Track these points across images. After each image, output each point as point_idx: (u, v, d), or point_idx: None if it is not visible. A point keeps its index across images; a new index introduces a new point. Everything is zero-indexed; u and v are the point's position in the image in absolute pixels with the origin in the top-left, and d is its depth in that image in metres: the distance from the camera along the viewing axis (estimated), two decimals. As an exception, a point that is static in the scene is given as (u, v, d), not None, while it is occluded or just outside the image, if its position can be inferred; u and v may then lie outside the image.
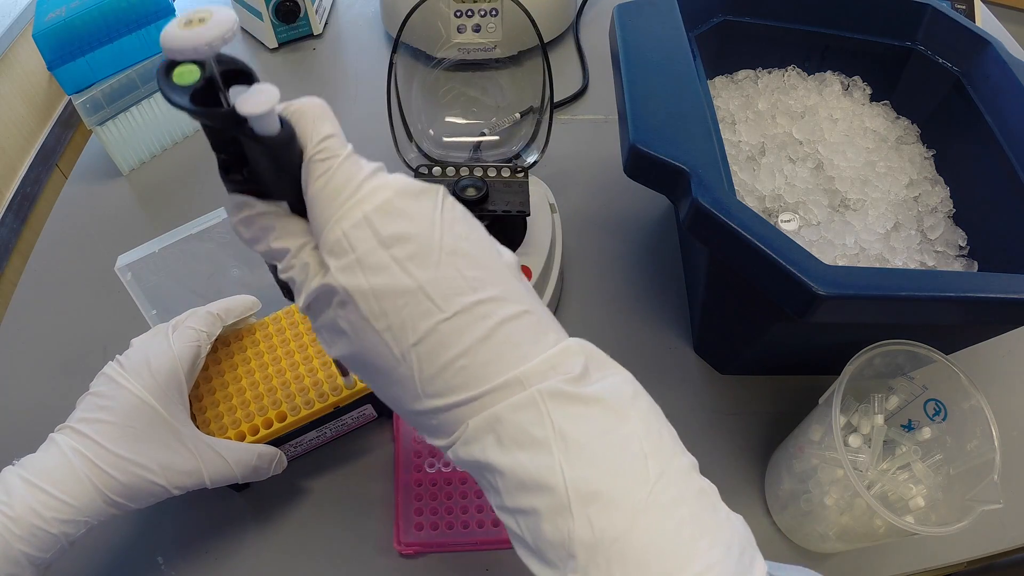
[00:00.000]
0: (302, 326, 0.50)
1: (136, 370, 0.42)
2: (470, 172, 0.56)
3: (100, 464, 0.39)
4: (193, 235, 0.51)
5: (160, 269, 0.52)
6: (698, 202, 0.40)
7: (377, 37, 0.89)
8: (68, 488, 0.38)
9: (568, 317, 0.61)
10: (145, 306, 0.52)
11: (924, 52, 0.59)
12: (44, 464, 0.39)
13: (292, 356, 0.49)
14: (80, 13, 0.63)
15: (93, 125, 0.67)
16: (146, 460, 0.40)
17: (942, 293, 0.38)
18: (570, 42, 0.87)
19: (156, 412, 0.41)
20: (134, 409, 0.41)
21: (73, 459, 0.39)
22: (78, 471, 0.39)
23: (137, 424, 0.40)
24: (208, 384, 0.48)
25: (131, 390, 0.41)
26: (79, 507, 0.38)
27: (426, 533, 0.48)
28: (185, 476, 0.42)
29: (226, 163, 0.27)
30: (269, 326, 0.51)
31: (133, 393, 0.41)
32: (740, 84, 0.63)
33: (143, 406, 0.41)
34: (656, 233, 0.67)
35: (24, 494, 0.37)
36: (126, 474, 0.39)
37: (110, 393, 0.41)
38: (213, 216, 0.52)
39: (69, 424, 0.41)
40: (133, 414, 0.40)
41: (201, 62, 0.24)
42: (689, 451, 0.30)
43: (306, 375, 0.48)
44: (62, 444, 0.40)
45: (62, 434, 0.40)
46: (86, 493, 0.39)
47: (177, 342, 0.44)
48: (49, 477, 0.38)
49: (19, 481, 0.38)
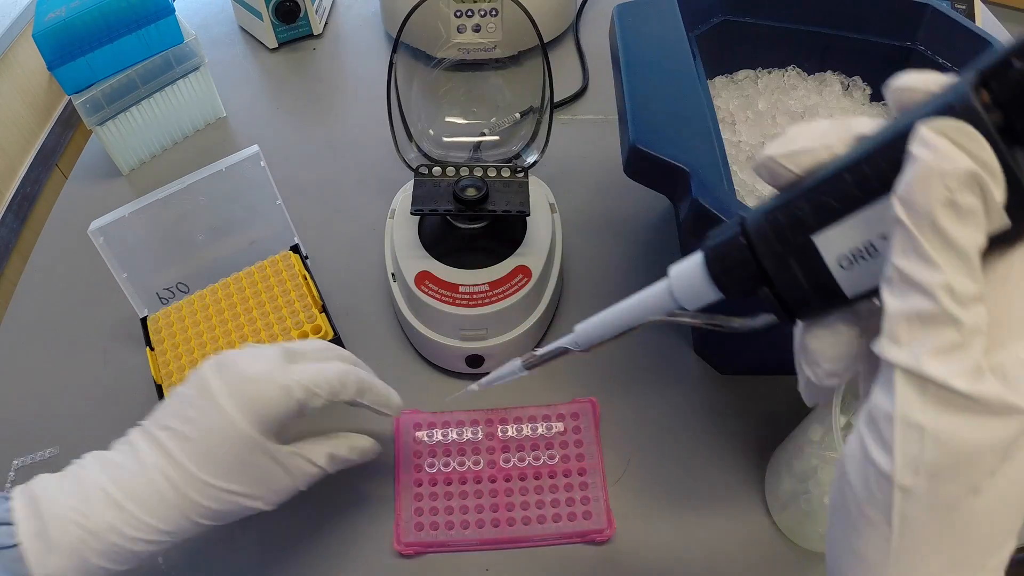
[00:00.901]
0: (261, 285, 0.57)
1: (236, 382, 0.38)
2: (470, 172, 0.56)
3: (190, 493, 0.36)
4: (160, 200, 0.53)
5: (130, 234, 0.54)
6: (698, 202, 0.40)
7: (377, 37, 0.89)
8: (155, 512, 0.36)
9: (568, 317, 0.61)
10: (116, 269, 0.54)
11: (924, 52, 0.59)
12: (129, 482, 0.36)
13: (251, 312, 0.55)
14: (80, 13, 0.63)
15: (93, 125, 0.67)
16: (239, 486, 0.37)
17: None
18: (570, 42, 0.87)
19: (247, 435, 0.37)
20: (227, 432, 0.37)
21: (161, 482, 0.36)
22: (167, 497, 0.36)
23: (230, 449, 0.37)
24: (172, 340, 0.54)
25: (226, 410, 0.37)
26: (166, 530, 0.36)
27: (426, 533, 0.48)
28: (279, 493, 0.40)
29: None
30: (231, 285, 0.57)
31: (227, 415, 0.37)
32: (740, 84, 0.63)
33: (237, 431, 0.37)
34: (656, 233, 0.67)
35: (105, 510, 0.35)
36: (218, 501, 0.37)
37: (201, 405, 0.37)
38: (179, 182, 0.54)
39: (153, 432, 0.38)
40: (225, 438, 0.37)
41: None
42: (689, 451, 0.30)
43: (262, 329, 0.53)
44: (147, 460, 0.36)
45: (146, 444, 0.37)
46: (174, 518, 0.36)
47: (297, 387, 0.39)
48: (135, 497, 0.36)
49: (100, 494, 0.35)
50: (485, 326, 0.53)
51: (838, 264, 0.20)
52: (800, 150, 0.21)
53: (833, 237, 0.20)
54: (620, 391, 0.55)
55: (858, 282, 0.20)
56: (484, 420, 0.53)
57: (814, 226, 0.20)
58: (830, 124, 0.21)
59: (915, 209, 0.17)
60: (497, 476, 0.50)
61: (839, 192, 0.20)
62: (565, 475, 0.50)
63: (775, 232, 0.21)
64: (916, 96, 0.19)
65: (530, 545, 0.48)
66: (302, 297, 0.55)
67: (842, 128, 0.21)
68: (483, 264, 0.55)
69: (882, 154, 0.19)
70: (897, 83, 0.20)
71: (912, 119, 0.18)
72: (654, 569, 0.47)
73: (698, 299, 0.25)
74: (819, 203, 0.20)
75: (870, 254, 0.20)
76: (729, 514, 0.49)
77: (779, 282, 0.22)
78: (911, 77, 0.20)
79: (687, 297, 0.25)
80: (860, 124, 0.21)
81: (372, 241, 0.65)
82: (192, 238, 0.58)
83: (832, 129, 0.21)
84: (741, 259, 0.22)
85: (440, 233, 0.57)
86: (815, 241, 0.21)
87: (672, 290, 0.25)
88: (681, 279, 0.25)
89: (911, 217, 0.17)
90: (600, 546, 0.48)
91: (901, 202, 0.17)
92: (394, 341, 0.59)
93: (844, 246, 0.20)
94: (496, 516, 0.48)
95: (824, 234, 0.20)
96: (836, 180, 0.20)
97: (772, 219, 0.22)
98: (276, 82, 0.83)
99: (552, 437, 0.52)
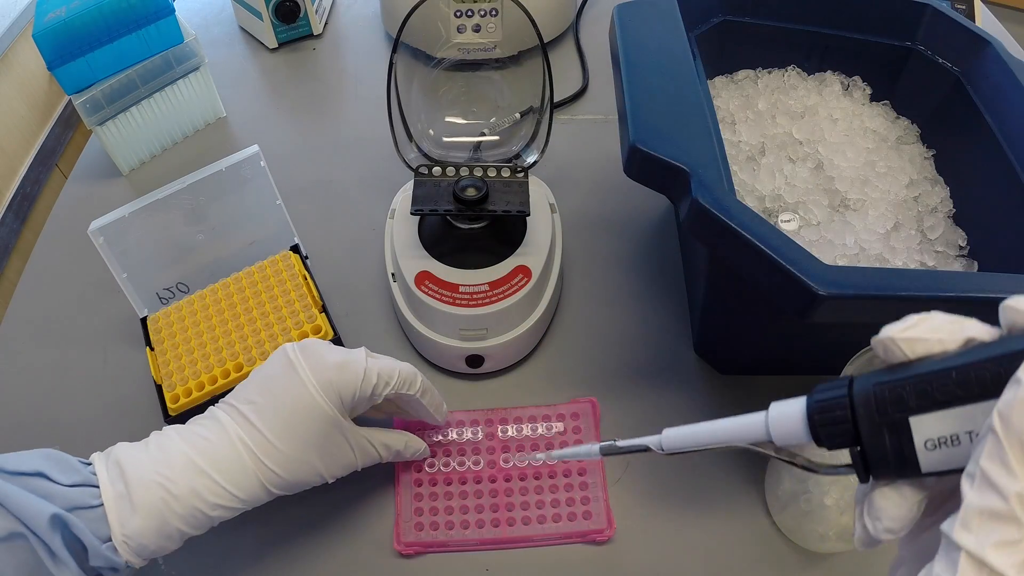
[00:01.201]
0: (261, 285, 0.57)
1: (319, 364, 0.42)
2: (470, 172, 0.56)
3: (268, 463, 0.40)
4: (160, 200, 0.54)
5: (130, 234, 0.54)
6: (698, 202, 0.40)
7: (377, 37, 0.89)
8: (235, 479, 0.39)
9: (568, 317, 0.61)
10: (116, 269, 0.54)
11: (924, 52, 0.59)
12: (212, 451, 0.39)
13: (251, 312, 0.55)
14: (80, 13, 0.63)
15: (93, 125, 0.67)
16: (312, 457, 0.41)
17: (942, 293, 0.38)
18: (570, 42, 0.87)
19: (326, 411, 0.41)
20: (308, 407, 0.41)
21: (242, 452, 0.39)
22: (247, 465, 0.39)
23: (307, 420, 0.41)
24: (172, 339, 0.54)
25: (308, 387, 0.41)
26: (242, 498, 0.39)
27: (426, 533, 0.48)
28: (343, 468, 0.43)
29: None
30: (231, 285, 0.57)
31: (310, 392, 0.41)
32: (740, 84, 0.63)
33: (315, 404, 0.41)
34: (656, 233, 0.67)
35: (191, 476, 0.38)
36: (292, 472, 0.41)
37: (285, 383, 0.41)
38: (179, 182, 0.54)
39: (236, 404, 0.41)
40: (304, 410, 0.41)
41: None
42: (689, 452, 0.30)
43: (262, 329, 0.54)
44: (230, 430, 0.40)
45: (229, 416, 0.41)
46: (251, 486, 0.40)
47: (373, 373, 0.43)
48: (217, 465, 0.39)
49: (184, 460, 0.38)
50: (485, 326, 0.53)
51: (924, 444, 0.23)
52: (916, 338, 0.24)
53: (927, 422, 0.23)
54: (620, 391, 0.55)
55: (936, 462, 0.23)
56: (484, 420, 0.53)
57: (914, 409, 0.23)
58: (946, 320, 0.24)
59: (1010, 426, 0.20)
60: (497, 476, 0.50)
61: (943, 387, 0.23)
62: (565, 475, 0.50)
63: (878, 404, 0.24)
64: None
65: (530, 545, 0.48)
66: (302, 297, 0.55)
67: (956, 327, 0.24)
68: (483, 264, 0.55)
69: (988, 367, 0.22)
70: (1012, 303, 0.23)
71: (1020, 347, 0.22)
72: (654, 569, 0.47)
73: (790, 440, 0.27)
74: (923, 391, 0.23)
75: (953, 443, 0.23)
76: (729, 514, 0.49)
77: (869, 446, 0.24)
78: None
79: (781, 436, 0.28)
80: (971, 328, 0.24)
81: (372, 241, 0.65)
82: (192, 238, 0.58)
83: (947, 325, 0.24)
84: (842, 419, 0.25)
85: (440, 233, 0.57)
86: (910, 421, 0.23)
87: (770, 426, 0.28)
88: (780, 420, 0.27)
89: (1005, 431, 0.20)
90: (600, 546, 0.48)
91: (1000, 416, 0.20)
92: (394, 341, 0.59)
93: (934, 432, 0.23)
94: (496, 516, 0.48)
95: (920, 417, 0.23)
96: (943, 376, 0.23)
97: (878, 392, 0.24)
98: (276, 82, 0.83)
99: (552, 437, 0.52)
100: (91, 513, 0.36)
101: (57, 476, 0.37)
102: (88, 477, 0.37)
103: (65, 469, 0.37)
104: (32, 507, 0.34)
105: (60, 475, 0.37)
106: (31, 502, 0.35)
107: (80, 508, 0.36)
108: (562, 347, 0.59)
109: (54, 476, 0.36)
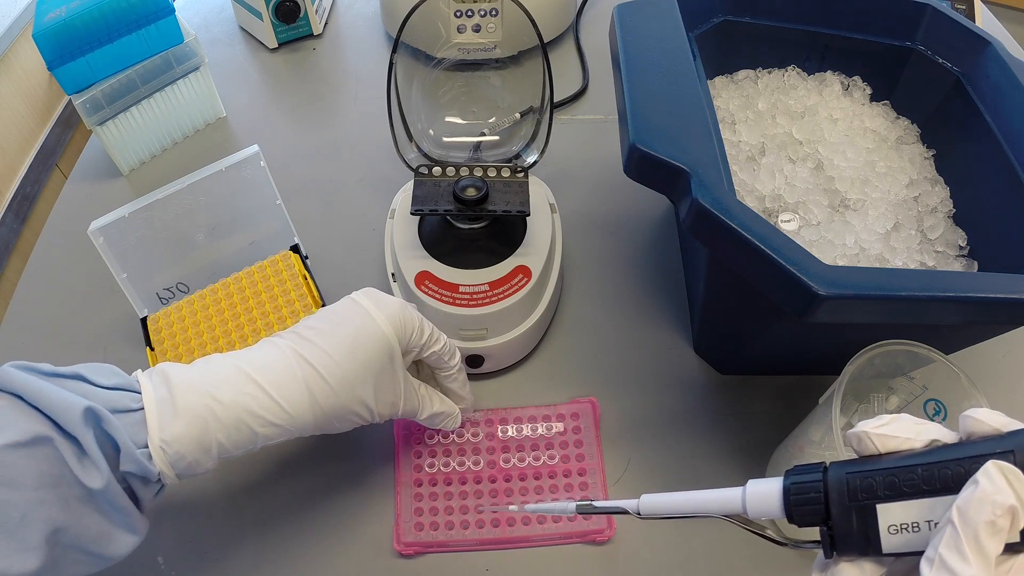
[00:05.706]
0: (261, 285, 0.57)
1: (382, 300, 0.43)
2: (470, 172, 0.56)
3: (323, 372, 0.39)
4: (160, 200, 0.54)
5: (129, 234, 0.54)
6: (698, 202, 0.40)
7: (377, 37, 0.89)
8: (284, 391, 0.38)
9: (568, 317, 0.61)
10: (116, 269, 0.54)
11: (924, 52, 0.59)
12: (264, 363, 0.38)
13: (251, 312, 0.55)
14: (80, 13, 0.63)
15: (93, 125, 0.67)
16: (368, 381, 0.41)
17: (942, 293, 0.38)
18: (570, 42, 0.87)
19: (389, 340, 0.41)
20: (370, 331, 0.41)
21: (294, 363, 0.39)
22: (297, 375, 0.38)
23: (369, 344, 0.41)
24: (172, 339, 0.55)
25: (373, 316, 0.42)
26: (290, 412, 0.38)
27: (426, 533, 0.48)
28: (389, 407, 0.43)
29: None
30: (231, 285, 0.57)
31: (374, 319, 0.41)
32: (740, 84, 0.63)
33: (380, 331, 0.41)
34: (656, 233, 0.67)
35: (239, 383, 0.37)
36: (344, 392, 0.40)
37: (350, 314, 0.42)
38: (179, 182, 0.54)
39: (296, 330, 0.41)
40: (368, 336, 0.41)
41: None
42: (690, 452, 0.31)
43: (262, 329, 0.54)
44: (284, 348, 0.39)
45: (285, 340, 0.40)
46: (299, 399, 0.38)
47: (427, 323, 0.45)
48: (267, 374, 0.38)
49: (234, 369, 0.37)
50: (485, 326, 0.53)
51: (887, 528, 0.26)
52: (888, 435, 0.27)
53: (892, 509, 0.26)
54: (620, 391, 0.55)
55: (896, 545, 0.26)
56: (484, 420, 0.53)
57: (882, 497, 0.26)
58: (913, 423, 0.28)
59: (967, 519, 0.23)
60: (497, 476, 0.50)
61: (910, 481, 0.26)
62: (565, 475, 0.50)
63: (849, 490, 0.27)
64: (983, 428, 0.26)
65: (530, 545, 0.48)
66: (302, 297, 0.55)
67: (922, 430, 0.27)
68: (483, 264, 0.55)
69: (950, 467, 0.25)
70: (972, 413, 0.26)
71: (980, 451, 0.25)
72: (654, 569, 0.47)
73: (764, 514, 0.30)
74: (891, 483, 0.26)
75: (914, 530, 0.26)
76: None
77: (837, 527, 0.27)
78: (983, 412, 0.26)
79: (756, 511, 0.30)
80: (934, 431, 0.27)
81: (372, 241, 0.65)
82: (192, 238, 0.58)
83: (914, 427, 0.27)
84: (815, 500, 0.28)
85: (440, 233, 0.57)
86: (877, 508, 0.26)
87: (746, 501, 0.30)
88: (757, 497, 0.30)
89: (962, 524, 0.23)
90: (600, 546, 0.48)
91: (959, 511, 0.23)
92: (394, 341, 0.59)
93: (898, 519, 0.26)
94: (496, 516, 0.48)
95: (886, 505, 0.26)
96: (910, 471, 0.26)
97: (851, 480, 0.27)
98: (276, 82, 0.83)
99: (552, 437, 0.52)
100: (129, 417, 0.35)
101: (97, 379, 0.35)
102: (130, 382, 0.36)
103: (106, 374, 0.36)
104: (65, 402, 0.33)
105: (100, 378, 0.35)
106: (64, 397, 0.33)
107: (119, 411, 0.34)
108: (562, 347, 0.59)
109: (94, 379, 0.35)
